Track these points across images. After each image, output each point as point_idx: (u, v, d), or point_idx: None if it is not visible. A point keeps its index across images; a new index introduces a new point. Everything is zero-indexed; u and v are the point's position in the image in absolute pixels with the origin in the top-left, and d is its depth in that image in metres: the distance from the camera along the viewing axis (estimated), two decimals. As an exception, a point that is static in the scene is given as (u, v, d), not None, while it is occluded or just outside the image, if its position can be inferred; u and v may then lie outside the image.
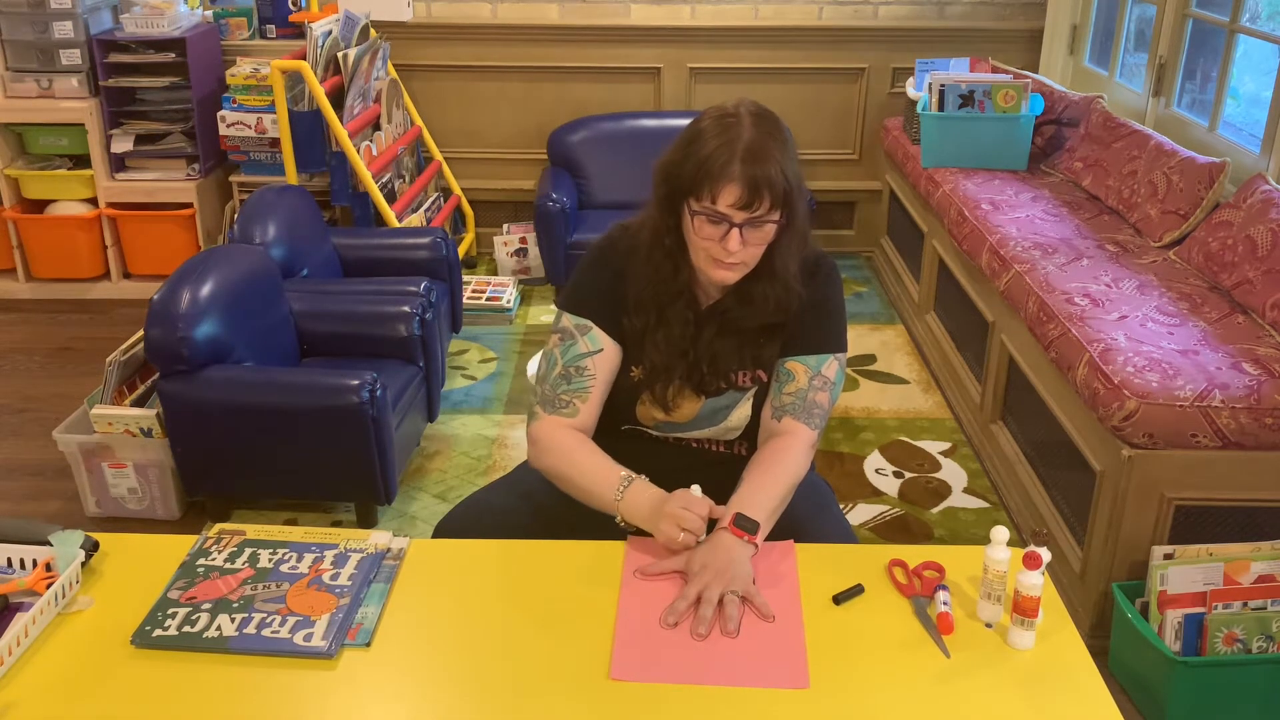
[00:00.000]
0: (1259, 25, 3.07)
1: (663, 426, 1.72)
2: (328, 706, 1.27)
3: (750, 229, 1.52)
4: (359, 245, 3.41)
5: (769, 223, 1.52)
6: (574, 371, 1.64)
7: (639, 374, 1.67)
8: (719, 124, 1.52)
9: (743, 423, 1.70)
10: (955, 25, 4.36)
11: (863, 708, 1.27)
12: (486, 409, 3.35)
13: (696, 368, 1.66)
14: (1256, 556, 2.10)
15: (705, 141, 1.51)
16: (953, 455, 3.11)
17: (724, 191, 1.49)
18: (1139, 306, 2.49)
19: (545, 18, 4.36)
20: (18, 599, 1.41)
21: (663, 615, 1.40)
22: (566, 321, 1.66)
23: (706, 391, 1.67)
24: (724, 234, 1.51)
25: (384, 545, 1.53)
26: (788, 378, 1.65)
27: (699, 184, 1.50)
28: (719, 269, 1.56)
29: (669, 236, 1.59)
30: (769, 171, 1.48)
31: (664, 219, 1.59)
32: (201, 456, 2.63)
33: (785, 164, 1.50)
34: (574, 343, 1.65)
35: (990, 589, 1.39)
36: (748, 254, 1.54)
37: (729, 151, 1.48)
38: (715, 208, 1.50)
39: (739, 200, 1.49)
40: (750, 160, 1.48)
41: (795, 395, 1.63)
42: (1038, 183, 3.50)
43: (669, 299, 1.63)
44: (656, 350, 1.64)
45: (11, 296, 4.21)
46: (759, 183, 1.48)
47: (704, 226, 1.52)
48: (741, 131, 1.50)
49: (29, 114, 3.97)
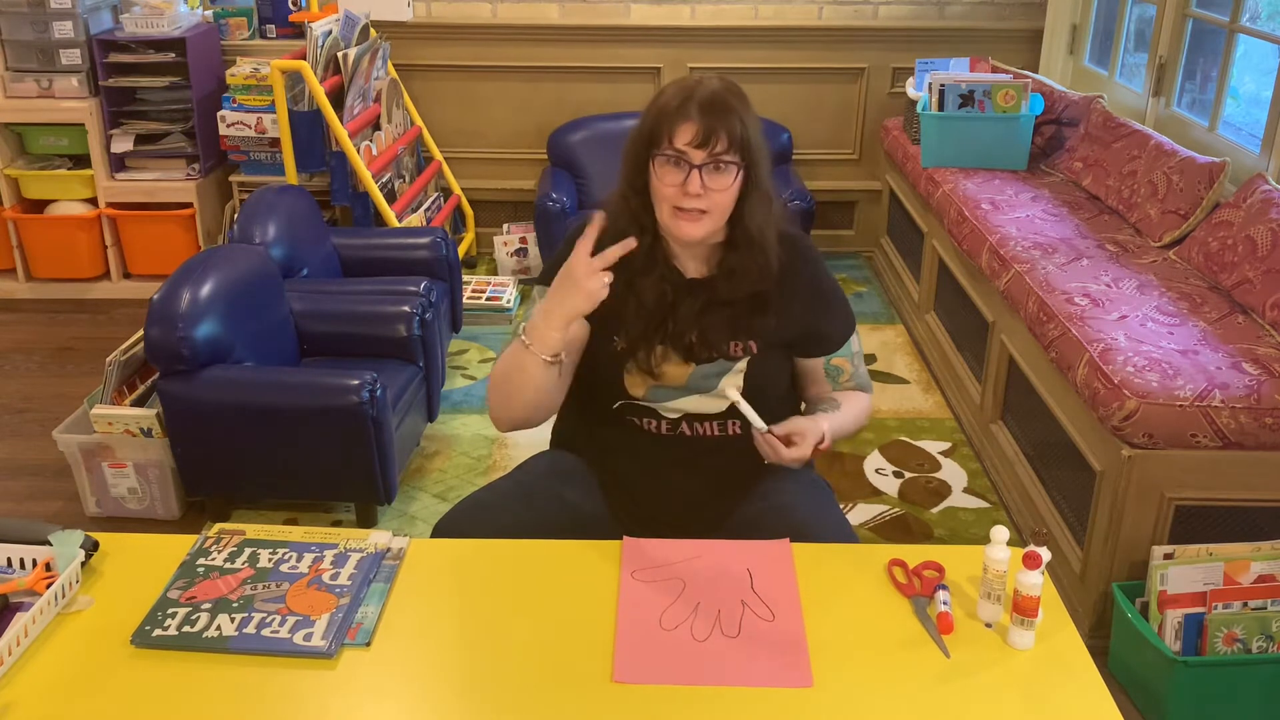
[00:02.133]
0: (1259, 25, 3.07)
1: (654, 394, 1.70)
2: (328, 706, 1.27)
3: (710, 173, 1.55)
4: (359, 245, 3.41)
5: (728, 163, 1.56)
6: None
7: (622, 344, 1.69)
8: (680, 83, 1.61)
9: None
10: (955, 25, 4.36)
11: (864, 707, 1.27)
12: (486, 409, 3.35)
13: (679, 336, 1.67)
14: (1256, 556, 2.10)
15: (666, 96, 1.59)
16: (953, 455, 3.11)
17: (680, 130, 1.54)
18: (1139, 306, 2.49)
19: (545, 18, 4.37)
20: (18, 599, 1.41)
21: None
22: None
23: (696, 358, 1.68)
24: (685, 177, 1.55)
25: (384, 545, 1.53)
26: (837, 372, 1.78)
27: (658, 130, 1.56)
28: (682, 220, 1.59)
29: (635, 199, 1.63)
30: (727, 118, 1.55)
31: (633, 180, 1.63)
32: (201, 456, 2.63)
33: (744, 115, 1.57)
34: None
35: (990, 588, 1.39)
36: (710, 200, 1.57)
37: (687, 98, 1.56)
38: (674, 146, 1.55)
39: (695, 138, 1.54)
40: (707, 105, 1.55)
41: (851, 379, 1.80)
42: (1038, 183, 3.50)
43: (641, 269, 1.64)
44: (629, 320, 1.67)
45: (11, 296, 4.21)
46: (715, 123, 1.54)
47: (666, 173, 1.57)
48: (701, 87, 1.58)
49: (29, 114, 3.97)
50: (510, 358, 1.63)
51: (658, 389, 1.70)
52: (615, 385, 1.71)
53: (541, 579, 1.49)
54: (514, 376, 1.62)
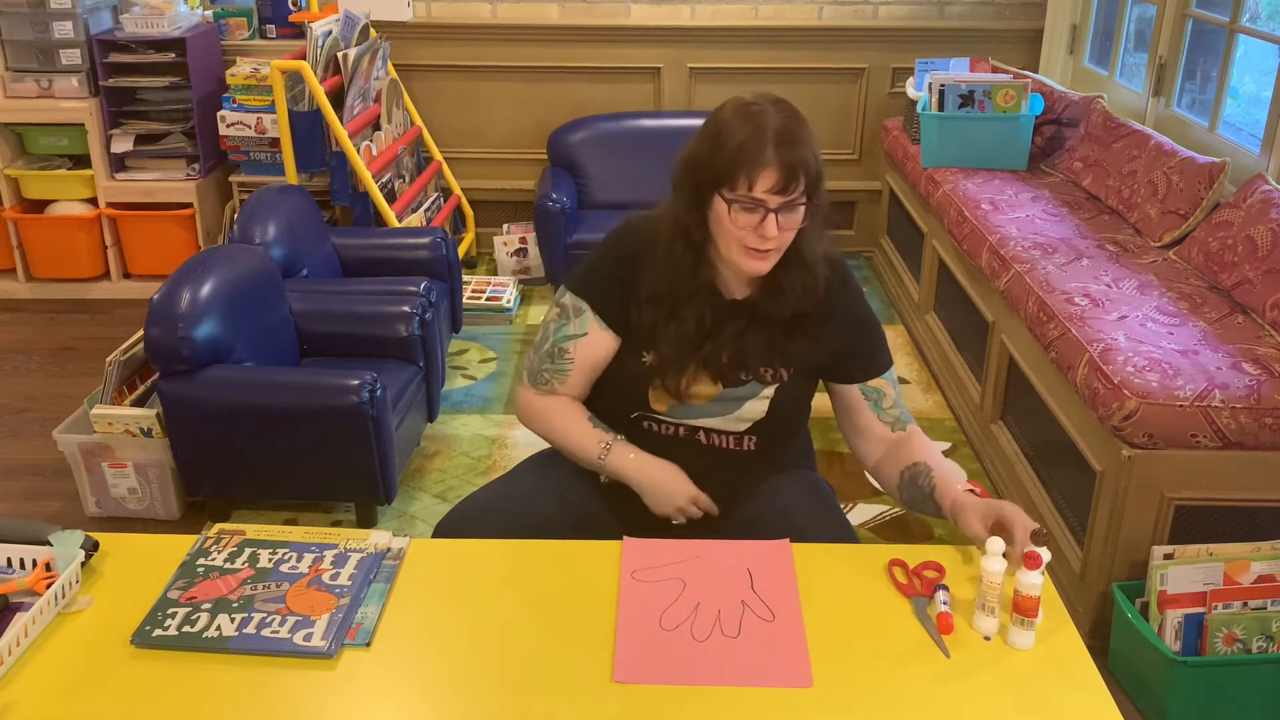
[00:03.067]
0: (1259, 25, 3.07)
1: (675, 411, 1.71)
2: (327, 706, 1.27)
3: (784, 214, 1.53)
4: (359, 245, 3.41)
5: (802, 205, 1.54)
6: (558, 352, 1.70)
7: (651, 360, 1.68)
8: (744, 112, 1.54)
9: (755, 416, 1.70)
10: (955, 25, 4.36)
11: (865, 707, 1.27)
12: (486, 409, 3.35)
13: (715, 358, 1.66)
14: (1256, 556, 2.10)
15: (734, 131, 1.52)
16: (953, 455, 3.11)
17: (761, 177, 1.50)
18: (1139, 306, 2.49)
19: (545, 18, 4.37)
20: (18, 599, 1.41)
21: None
22: (567, 299, 1.71)
23: (726, 381, 1.68)
24: (760, 220, 1.52)
25: (384, 545, 1.53)
26: (878, 395, 1.74)
27: (734, 172, 1.51)
28: (753, 259, 1.56)
29: (695, 231, 1.60)
30: (803, 154, 1.51)
31: (690, 213, 1.59)
32: (201, 456, 2.63)
33: (814, 146, 1.54)
34: (566, 322, 1.70)
35: (985, 600, 1.38)
36: (783, 239, 1.56)
37: (761, 138, 1.50)
38: (751, 194, 1.51)
39: (776, 185, 1.50)
40: (783, 145, 1.50)
41: (895, 405, 1.75)
42: (1038, 183, 3.50)
43: (685, 295, 1.64)
44: (667, 344, 1.65)
45: (11, 296, 4.21)
46: (794, 166, 1.50)
47: (739, 215, 1.53)
48: (769, 119, 1.52)
49: (29, 114, 3.97)
50: (571, 444, 1.72)
51: (680, 407, 1.70)
52: (639, 399, 1.71)
53: (541, 579, 1.49)
54: (562, 447, 1.75)
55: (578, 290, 1.69)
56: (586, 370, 1.71)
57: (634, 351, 1.69)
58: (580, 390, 1.73)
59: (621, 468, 1.68)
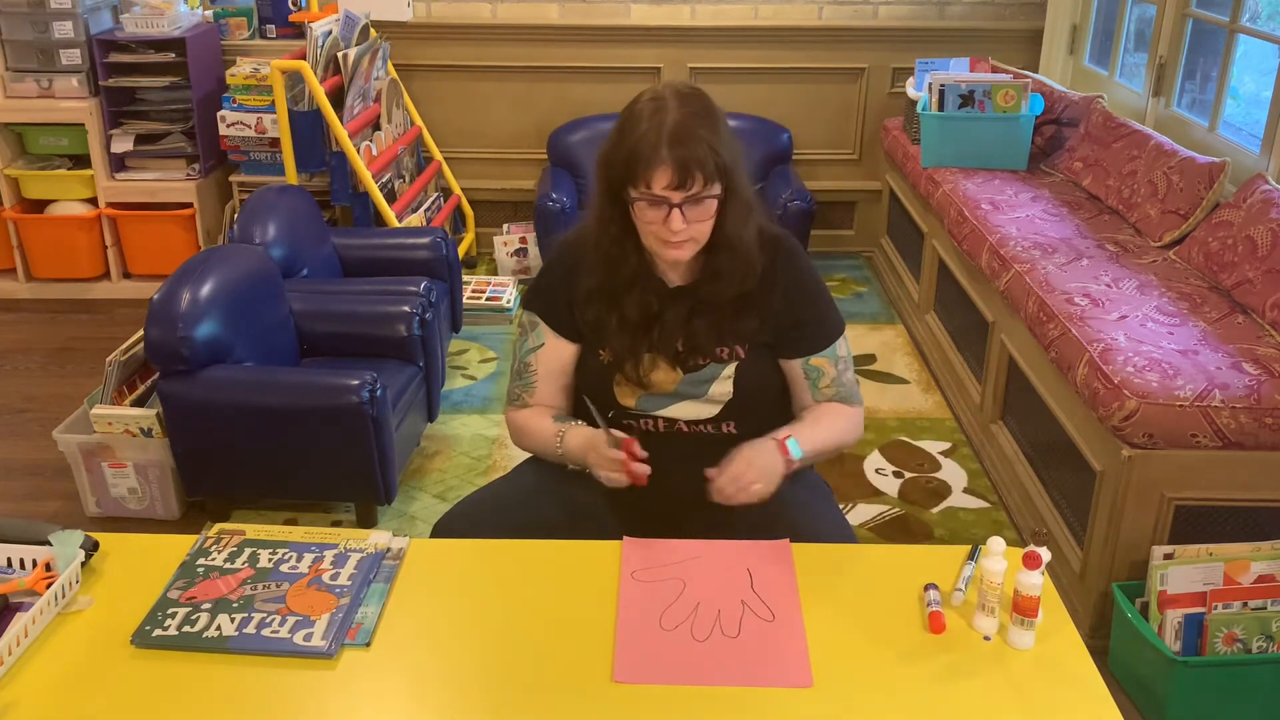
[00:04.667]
0: (1259, 25, 3.07)
1: (644, 403, 1.71)
2: (327, 706, 1.27)
3: (690, 206, 1.55)
4: (359, 245, 3.40)
5: (708, 198, 1.56)
6: (523, 368, 1.78)
7: (607, 356, 1.70)
8: (645, 110, 1.58)
9: (724, 398, 1.70)
10: (955, 25, 4.36)
11: (865, 706, 1.27)
12: (486, 409, 3.35)
13: (667, 343, 1.68)
14: (1256, 556, 2.10)
15: (632, 129, 1.56)
16: (953, 455, 3.11)
17: (656, 175, 1.53)
18: (1139, 306, 2.49)
19: (545, 18, 4.36)
20: (18, 599, 1.41)
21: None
22: (524, 317, 1.79)
23: (685, 366, 1.69)
24: (665, 215, 1.55)
25: (384, 545, 1.53)
26: (817, 374, 1.72)
27: (632, 171, 1.55)
28: (670, 248, 1.60)
29: (615, 225, 1.64)
30: (696, 151, 1.53)
31: (609, 209, 1.64)
32: (201, 456, 2.63)
33: (714, 140, 1.55)
34: (525, 338, 1.78)
35: (986, 600, 1.38)
36: (694, 230, 1.58)
37: (655, 135, 1.53)
38: (651, 192, 1.54)
39: (671, 182, 1.53)
40: (676, 143, 1.52)
41: (832, 384, 1.73)
42: (1038, 183, 3.50)
43: (623, 286, 1.67)
44: (615, 335, 1.68)
45: (11, 296, 4.21)
46: (688, 163, 1.52)
47: (646, 211, 1.57)
48: (666, 115, 1.55)
49: (29, 114, 3.97)
50: (540, 445, 1.77)
51: (647, 398, 1.71)
52: (606, 396, 1.72)
53: (541, 579, 1.49)
54: (539, 452, 1.80)
55: (529, 306, 1.77)
56: (552, 379, 1.76)
57: (593, 352, 1.73)
58: (552, 398, 1.77)
59: (570, 451, 1.70)
